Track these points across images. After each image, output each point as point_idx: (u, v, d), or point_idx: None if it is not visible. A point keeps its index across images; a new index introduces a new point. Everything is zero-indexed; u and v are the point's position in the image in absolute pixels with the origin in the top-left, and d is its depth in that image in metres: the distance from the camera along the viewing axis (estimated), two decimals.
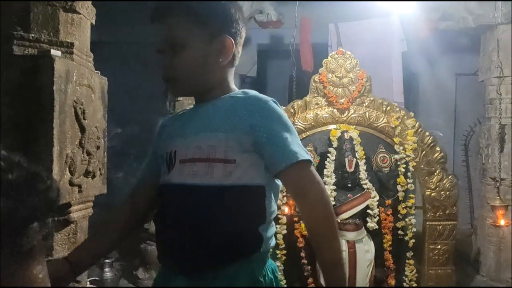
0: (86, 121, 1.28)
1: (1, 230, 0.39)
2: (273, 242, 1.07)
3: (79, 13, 1.31)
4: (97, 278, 2.77)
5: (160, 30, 1.07)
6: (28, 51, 1.17)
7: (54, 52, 1.14)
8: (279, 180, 1.07)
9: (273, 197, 1.06)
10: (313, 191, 1.02)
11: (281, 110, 1.08)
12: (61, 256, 1.16)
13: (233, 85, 1.12)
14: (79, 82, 1.25)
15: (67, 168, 1.21)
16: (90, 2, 1.38)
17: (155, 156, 1.15)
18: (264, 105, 1.05)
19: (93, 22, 1.41)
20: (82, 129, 1.27)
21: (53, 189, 0.45)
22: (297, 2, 3.22)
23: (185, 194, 1.02)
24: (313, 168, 1.05)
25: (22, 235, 0.41)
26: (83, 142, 1.27)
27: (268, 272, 1.07)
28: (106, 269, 3.20)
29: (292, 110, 2.82)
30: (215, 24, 1.07)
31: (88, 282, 1.43)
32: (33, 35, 1.18)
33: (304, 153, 1.04)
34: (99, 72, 1.42)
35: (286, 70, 6.54)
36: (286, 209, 2.51)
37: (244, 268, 1.02)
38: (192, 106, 1.17)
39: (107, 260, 3.21)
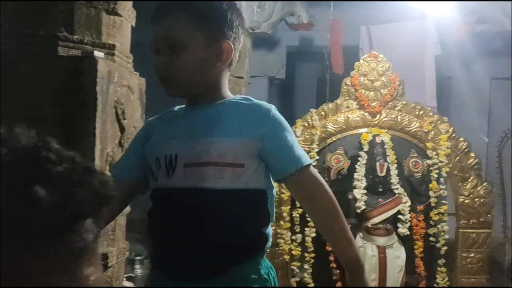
0: (125, 121, 1.31)
1: (49, 225, 0.35)
2: (270, 243, 1.14)
3: (121, 16, 1.34)
4: (131, 275, 2.82)
5: (159, 28, 1.09)
6: (72, 52, 1.20)
7: (97, 53, 1.17)
8: (273, 185, 1.14)
9: (271, 201, 1.13)
10: (321, 191, 1.10)
11: (281, 116, 1.14)
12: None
13: (228, 90, 1.15)
14: (120, 83, 1.28)
15: (107, 167, 1.24)
16: (131, 4, 1.41)
17: (137, 156, 1.15)
18: (272, 114, 1.10)
19: (134, 24, 1.44)
20: (122, 129, 1.30)
21: (107, 185, 0.42)
22: (332, 3, 3.20)
23: (194, 198, 1.04)
24: (315, 169, 1.13)
25: (72, 232, 0.37)
26: (122, 141, 1.30)
27: (271, 271, 1.13)
28: (137, 266, 3.25)
29: (322, 113, 2.81)
30: (216, 27, 1.09)
31: (125, 279, 1.46)
32: (77, 36, 1.22)
33: (307, 157, 1.12)
34: (138, 73, 1.45)
35: (315, 72, 6.52)
36: None
37: (252, 268, 1.08)
38: (177, 108, 1.19)
39: (137, 258, 3.26)
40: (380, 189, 2.52)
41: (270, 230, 1.13)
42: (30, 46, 1.17)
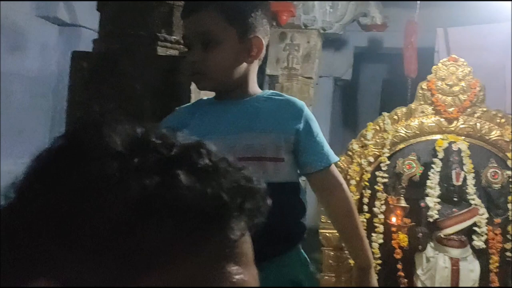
0: None
1: (205, 217, 0.34)
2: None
3: None
4: None
5: (191, 24, 1.10)
6: (169, 52, 1.25)
7: None
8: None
9: (303, 193, 1.25)
10: (340, 189, 1.18)
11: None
12: None
13: (256, 84, 1.19)
14: None
15: None
16: None
17: None
18: (306, 110, 1.16)
19: None
20: None
21: (251, 179, 0.41)
22: (419, 3, 3.11)
23: None
24: (336, 168, 1.21)
25: (221, 227, 0.35)
26: None
27: (307, 257, 1.22)
28: None
29: (395, 117, 2.74)
30: (248, 23, 1.11)
31: None
32: (174, 37, 1.27)
33: (334, 154, 1.19)
34: None
35: (381, 75, 6.37)
36: (394, 219, 2.44)
37: (296, 256, 1.16)
38: (205, 99, 1.21)
39: None
40: (455, 199, 2.43)
41: (306, 219, 1.20)
42: (132, 46, 1.23)
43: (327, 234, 2.49)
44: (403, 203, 2.41)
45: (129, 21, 1.25)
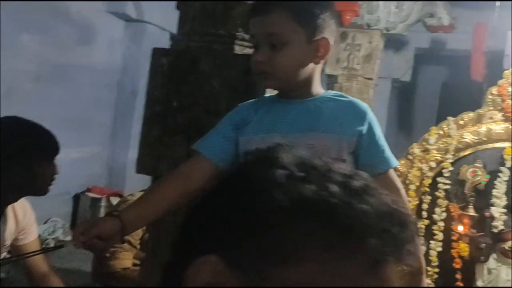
0: None
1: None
2: None
3: None
4: None
5: (260, 24, 1.11)
6: (246, 51, 1.28)
7: None
8: None
9: None
10: (398, 194, 1.16)
11: None
12: None
13: (320, 85, 1.20)
14: None
15: None
16: None
17: (226, 139, 1.15)
18: (369, 113, 1.15)
19: None
20: None
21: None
22: (498, 3, 2.99)
23: None
24: (394, 172, 1.20)
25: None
26: None
27: None
28: None
29: (461, 122, 2.65)
30: (316, 24, 1.11)
31: None
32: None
33: (395, 158, 1.18)
34: None
35: (440, 77, 6.16)
36: (460, 228, 2.37)
37: None
38: (267, 96, 1.21)
39: None
40: None
41: None
42: (211, 44, 1.27)
43: None
44: (471, 212, 2.33)
45: (209, 20, 1.28)
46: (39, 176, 1.48)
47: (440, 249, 2.49)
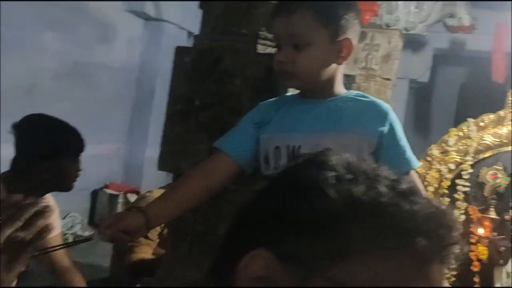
0: None
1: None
2: None
3: None
4: None
5: (283, 25, 1.11)
6: (268, 50, 1.29)
7: None
8: None
9: None
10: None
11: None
12: None
13: (342, 85, 1.20)
14: None
15: None
16: None
17: (248, 137, 1.16)
18: (391, 113, 1.15)
19: None
20: None
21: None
22: None
23: None
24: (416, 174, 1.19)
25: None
26: None
27: None
28: None
29: (481, 124, 2.62)
30: (340, 24, 1.11)
31: None
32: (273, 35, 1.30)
33: (416, 160, 1.18)
34: None
35: (459, 78, 6.08)
36: (481, 231, 2.34)
37: None
38: (289, 95, 1.22)
39: None
40: None
41: None
42: (234, 43, 1.28)
43: None
44: (493, 215, 2.31)
45: (233, 19, 1.29)
46: (66, 173, 1.51)
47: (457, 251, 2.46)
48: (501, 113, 2.59)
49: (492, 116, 2.60)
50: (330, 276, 0.37)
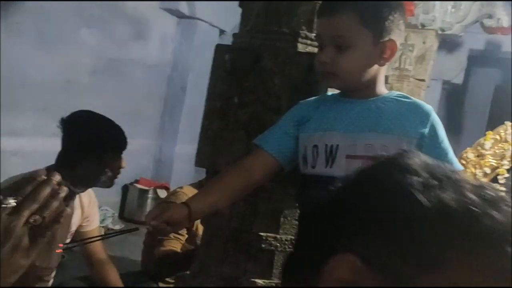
0: None
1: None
2: None
3: None
4: None
5: (326, 26, 1.11)
6: (308, 49, 1.29)
7: None
8: None
9: None
10: None
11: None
12: None
13: (384, 85, 1.19)
14: None
15: None
16: None
17: (287, 135, 1.17)
18: (433, 115, 1.13)
19: None
20: None
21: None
22: None
23: None
24: None
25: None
26: None
27: None
28: None
29: None
30: (384, 26, 1.10)
31: None
32: (314, 34, 1.30)
33: (458, 163, 1.17)
34: None
35: (494, 80, 5.93)
36: None
37: None
38: (329, 94, 1.21)
39: None
40: None
41: None
42: (274, 42, 1.28)
43: None
44: None
45: (273, 17, 1.30)
46: (109, 169, 1.55)
47: None
48: None
49: None
50: (420, 285, 0.37)
